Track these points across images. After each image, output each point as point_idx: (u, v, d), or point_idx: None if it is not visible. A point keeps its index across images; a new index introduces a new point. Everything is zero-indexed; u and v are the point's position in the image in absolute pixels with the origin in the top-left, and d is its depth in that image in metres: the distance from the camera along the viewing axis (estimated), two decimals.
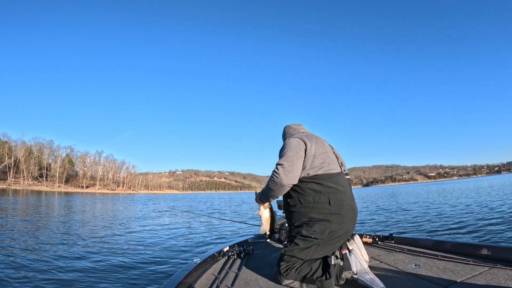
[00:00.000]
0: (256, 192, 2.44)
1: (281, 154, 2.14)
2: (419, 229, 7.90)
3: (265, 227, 2.42)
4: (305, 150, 2.10)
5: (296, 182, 2.04)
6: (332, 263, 1.96)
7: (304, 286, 1.94)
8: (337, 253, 2.07)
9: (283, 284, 2.00)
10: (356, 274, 1.94)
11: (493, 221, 7.98)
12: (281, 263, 2.04)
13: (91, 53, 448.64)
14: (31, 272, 4.57)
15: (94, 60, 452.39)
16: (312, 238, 2.00)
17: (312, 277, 1.93)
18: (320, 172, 2.06)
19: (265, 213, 2.39)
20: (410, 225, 8.70)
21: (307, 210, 2.05)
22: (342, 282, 1.94)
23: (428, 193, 29.91)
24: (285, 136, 2.48)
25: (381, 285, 1.78)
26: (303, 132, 2.41)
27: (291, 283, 1.97)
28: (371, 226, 9.04)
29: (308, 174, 2.06)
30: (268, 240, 2.58)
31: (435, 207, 13.51)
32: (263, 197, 2.25)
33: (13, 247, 6.34)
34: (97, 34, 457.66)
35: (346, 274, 1.95)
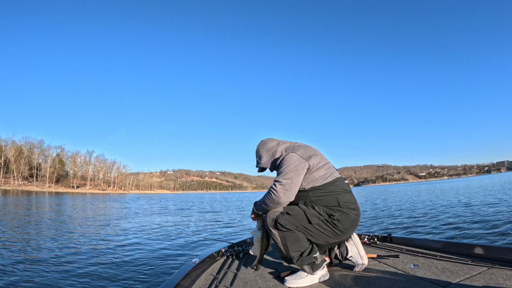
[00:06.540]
0: (253, 208, 2.27)
1: (280, 170, 2.07)
2: (417, 229, 7.94)
3: (256, 249, 2.26)
4: (308, 167, 2.04)
5: (293, 199, 2.03)
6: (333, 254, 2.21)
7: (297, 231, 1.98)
8: (337, 251, 2.20)
9: (274, 231, 2.02)
10: (351, 257, 2.15)
11: (491, 221, 8.01)
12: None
13: (82, 53, 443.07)
14: (26, 273, 4.48)
15: (86, 60, 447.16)
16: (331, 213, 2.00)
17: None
18: (325, 182, 2.05)
19: (257, 233, 2.24)
20: (408, 225, 8.75)
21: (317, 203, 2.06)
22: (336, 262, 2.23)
23: (419, 192, 30.20)
24: (270, 151, 2.27)
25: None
26: (294, 145, 2.25)
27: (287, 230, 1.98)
28: (369, 227, 9.07)
29: (314, 185, 2.05)
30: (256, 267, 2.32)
31: (432, 207, 13.59)
32: (257, 209, 2.19)
33: (3, 248, 6.22)
34: (88, 34, 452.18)
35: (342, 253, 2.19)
